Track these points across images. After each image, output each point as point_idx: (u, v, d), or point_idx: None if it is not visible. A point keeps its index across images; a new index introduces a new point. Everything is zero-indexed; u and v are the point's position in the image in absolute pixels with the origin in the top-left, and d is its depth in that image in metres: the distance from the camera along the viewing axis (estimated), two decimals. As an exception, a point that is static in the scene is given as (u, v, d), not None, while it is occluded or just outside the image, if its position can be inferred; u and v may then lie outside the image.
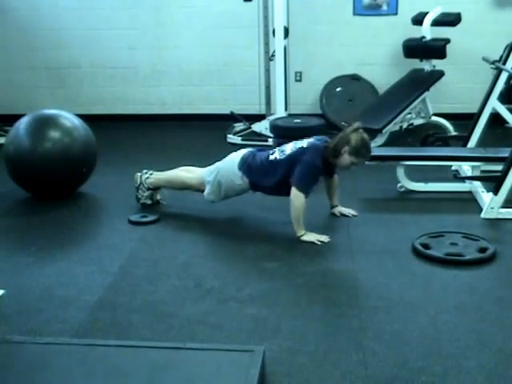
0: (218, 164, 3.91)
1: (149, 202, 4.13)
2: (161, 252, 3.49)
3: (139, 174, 4.16)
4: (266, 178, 3.72)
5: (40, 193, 4.37)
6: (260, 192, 3.87)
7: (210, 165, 3.95)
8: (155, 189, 4.14)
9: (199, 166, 4.08)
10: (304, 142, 3.71)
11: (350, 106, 6.38)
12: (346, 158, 3.61)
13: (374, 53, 6.52)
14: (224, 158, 3.94)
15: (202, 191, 3.94)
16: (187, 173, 4.10)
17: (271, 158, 3.74)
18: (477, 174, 4.30)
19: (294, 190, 3.56)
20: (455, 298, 2.89)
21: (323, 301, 2.89)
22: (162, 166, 4.28)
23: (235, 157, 3.86)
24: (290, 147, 3.73)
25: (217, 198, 3.91)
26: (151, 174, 4.14)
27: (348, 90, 6.48)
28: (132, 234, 3.75)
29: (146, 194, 4.12)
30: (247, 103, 6.50)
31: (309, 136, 3.80)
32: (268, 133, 5.55)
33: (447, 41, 5.84)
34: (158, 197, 4.18)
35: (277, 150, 3.81)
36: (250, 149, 3.94)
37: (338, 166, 3.73)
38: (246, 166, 3.77)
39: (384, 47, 6.48)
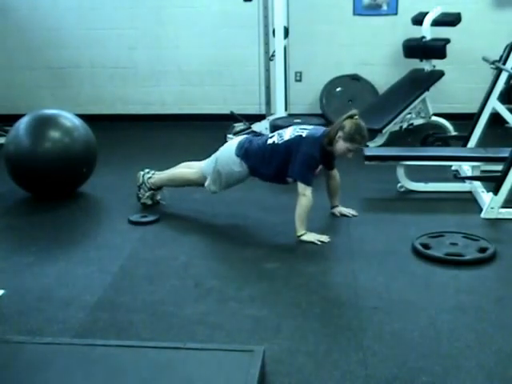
0: (215, 154, 3.91)
1: (149, 202, 4.13)
2: (161, 252, 3.49)
3: (142, 172, 4.16)
4: (264, 166, 3.73)
5: (40, 193, 4.37)
6: (258, 178, 3.86)
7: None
8: (157, 189, 4.15)
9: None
10: (303, 131, 3.70)
11: (349, 106, 6.36)
12: (341, 145, 3.61)
13: (374, 53, 6.52)
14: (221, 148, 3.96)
15: (203, 185, 3.94)
16: (187, 168, 4.10)
17: (269, 141, 3.75)
18: (477, 174, 4.30)
19: (301, 186, 3.58)
20: (455, 298, 2.89)
21: (323, 301, 2.89)
22: (162, 165, 4.27)
23: (232, 144, 3.87)
24: (288, 133, 3.73)
25: (218, 188, 3.89)
26: (153, 174, 4.14)
27: (348, 90, 6.48)
28: (132, 234, 3.75)
29: (148, 194, 4.12)
30: (247, 103, 6.50)
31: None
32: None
33: (447, 41, 5.84)
34: (158, 197, 4.18)
35: (276, 134, 3.81)
36: (246, 136, 3.98)
37: (335, 154, 3.71)
38: (243, 151, 3.76)
39: (384, 47, 6.48)
